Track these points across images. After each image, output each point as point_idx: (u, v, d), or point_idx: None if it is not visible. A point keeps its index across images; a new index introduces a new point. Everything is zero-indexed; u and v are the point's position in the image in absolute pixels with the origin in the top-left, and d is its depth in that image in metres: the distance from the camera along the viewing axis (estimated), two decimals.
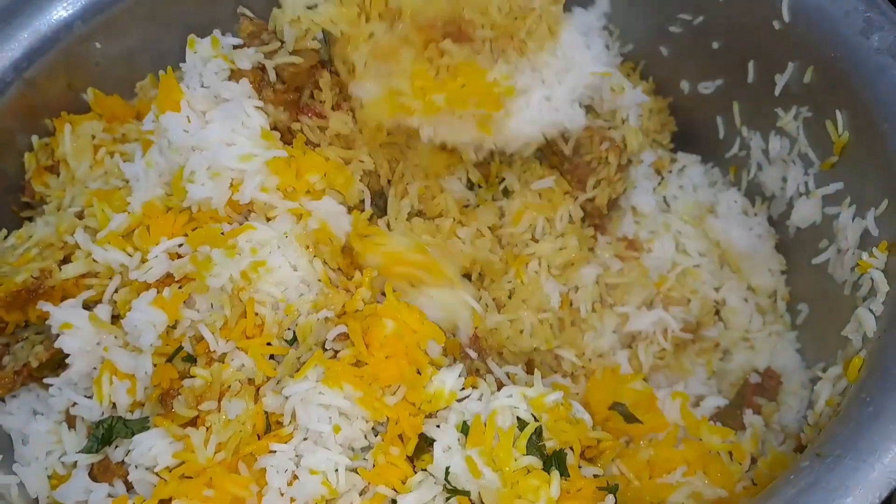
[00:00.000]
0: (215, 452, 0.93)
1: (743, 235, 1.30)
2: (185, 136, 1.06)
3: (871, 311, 0.95)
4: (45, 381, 1.04)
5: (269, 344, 0.99)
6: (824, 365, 1.05)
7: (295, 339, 1.00)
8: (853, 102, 1.08)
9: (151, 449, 0.95)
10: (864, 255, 1.00)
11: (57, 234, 1.10)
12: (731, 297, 1.28)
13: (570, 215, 1.21)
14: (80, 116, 1.25)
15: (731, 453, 1.07)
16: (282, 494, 0.90)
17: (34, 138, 1.23)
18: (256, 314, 0.99)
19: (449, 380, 0.96)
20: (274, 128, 1.12)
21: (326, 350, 0.98)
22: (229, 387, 0.96)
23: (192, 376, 0.98)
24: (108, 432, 0.99)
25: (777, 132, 1.24)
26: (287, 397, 0.93)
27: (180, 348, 0.99)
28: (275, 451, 0.91)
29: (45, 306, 1.03)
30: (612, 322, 1.21)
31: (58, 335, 1.01)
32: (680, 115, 1.40)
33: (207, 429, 0.94)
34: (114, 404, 1.01)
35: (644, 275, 1.25)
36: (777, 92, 1.20)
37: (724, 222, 1.32)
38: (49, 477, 1.01)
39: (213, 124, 1.07)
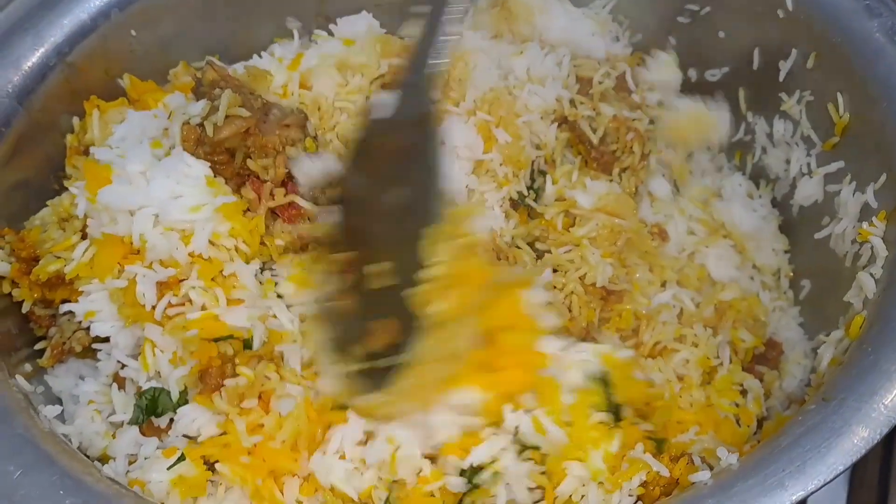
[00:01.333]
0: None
1: (747, 217, 1.35)
2: (128, 199, 1.05)
3: (871, 275, 1.01)
4: (94, 346, 1.10)
5: None
6: (827, 332, 1.11)
7: None
8: (853, 85, 1.15)
9: (195, 421, 1.00)
10: (865, 225, 1.07)
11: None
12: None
13: None
14: (109, 104, 1.29)
15: (738, 419, 1.13)
16: (343, 457, 0.95)
17: (75, 120, 1.29)
18: None
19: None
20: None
21: None
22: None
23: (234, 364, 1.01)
24: (151, 403, 1.04)
25: (781, 116, 1.30)
26: None
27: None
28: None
29: (66, 307, 1.09)
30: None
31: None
32: None
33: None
34: (159, 372, 1.05)
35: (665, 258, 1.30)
36: (781, 77, 1.27)
37: (728, 205, 1.38)
38: (97, 433, 1.06)
39: (155, 181, 1.06)
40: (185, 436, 1.01)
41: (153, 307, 1.02)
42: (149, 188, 1.05)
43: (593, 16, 1.43)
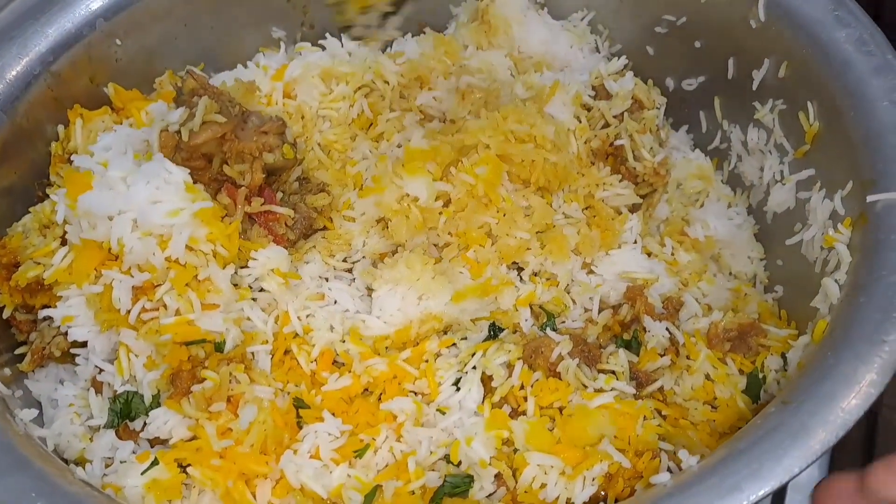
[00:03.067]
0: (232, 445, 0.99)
1: (723, 225, 1.37)
2: (108, 204, 1.06)
3: (836, 280, 1.03)
4: (72, 350, 1.12)
5: None
6: (797, 334, 1.13)
7: None
8: (823, 94, 1.17)
9: (166, 423, 1.02)
10: (831, 231, 1.09)
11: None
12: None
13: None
14: (93, 112, 1.31)
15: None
16: (315, 456, 0.98)
17: (60, 128, 1.30)
18: None
19: None
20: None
21: None
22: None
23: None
24: (125, 406, 1.05)
25: (755, 124, 1.32)
26: None
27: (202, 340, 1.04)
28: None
29: (43, 312, 1.10)
30: None
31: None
32: (666, 111, 1.48)
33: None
34: (134, 377, 1.06)
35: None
36: (755, 86, 1.29)
37: (704, 213, 1.39)
38: (75, 436, 1.08)
39: (135, 186, 1.06)
40: (157, 438, 1.02)
41: (128, 311, 1.03)
42: (128, 193, 1.06)
43: (572, 28, 1.45)
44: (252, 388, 1.01)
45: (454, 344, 1.12)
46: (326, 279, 1.18)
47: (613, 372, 1.07)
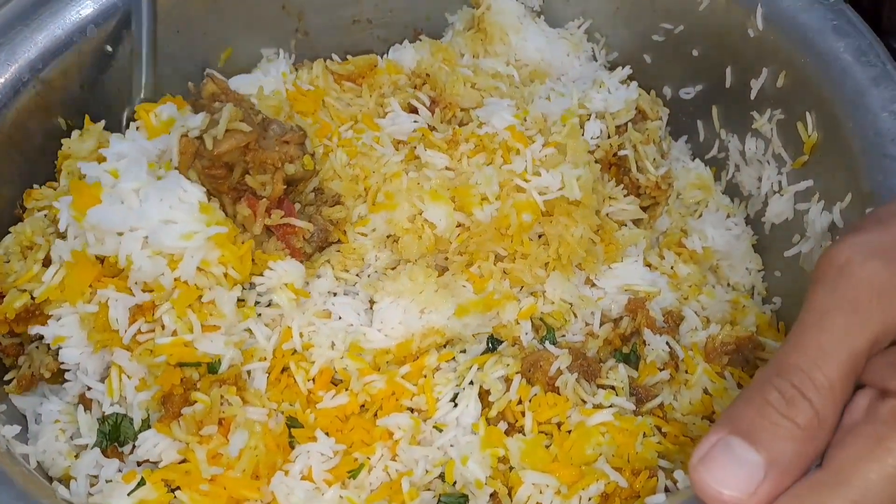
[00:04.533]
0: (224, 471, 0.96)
1: (721, 236, 1.36)
2: (119, 220, 1.01)
3: None
4: (63, 367, 1.09)
5: None
6: None
7: None
8: (821, 105, 1.16)
9: (156, 446, 0.99)
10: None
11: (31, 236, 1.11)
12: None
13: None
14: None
15: None
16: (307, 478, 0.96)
17: (74, 134, 1.26)
18: None
19: None
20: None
21: None
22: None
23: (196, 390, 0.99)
24: (114, 430, 1.03)
25: (753, 134, 1.31)
26: None
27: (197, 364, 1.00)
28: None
29: (34, 330, 1.06)
30: None
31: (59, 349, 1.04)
32: None
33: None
34: (125, 397, 1.03)
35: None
36: (752, 96, 1.28)
37: (702, 224, 1.38)
38: (60, 453, 1.05)
39: (147, 202, 1.01)
40: (146, 461, 1.00)
41: (124, 332, 1.01)
42: (141, 210, 1.01)
43: (568, 36, 1.44)
44: (244, 411, 0.98)
45: (453, 358, 1.10)
46: (335, 294, 1.16)
47: (613, 387, 1.05)
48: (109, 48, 1.32)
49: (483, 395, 1.06)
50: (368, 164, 1.25)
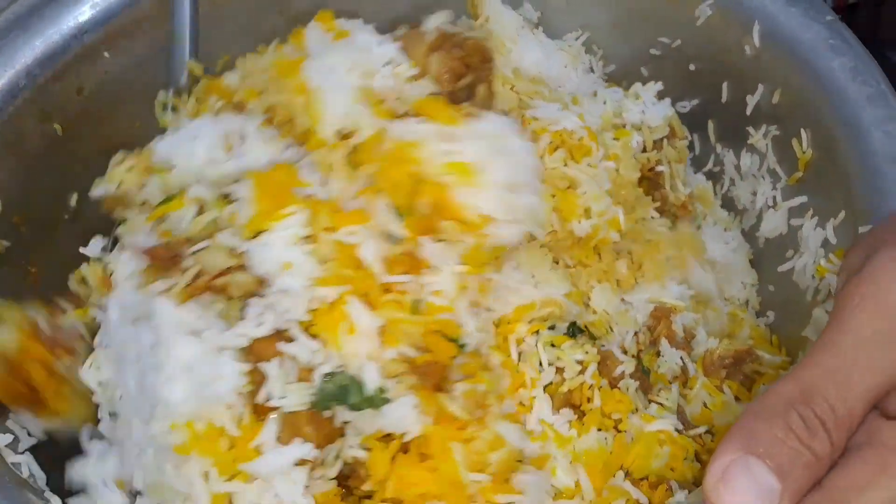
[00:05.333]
0: None
1: (719, 249, 1.37)
2: None
3: (826, 311, 1.03)
4: None
5: None
6: (789, 362, 1.12)
7: None
8: (816, 122, 1.17)
9: None
10: (823, 262, 1.08)
11: None
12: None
13: None
14: None
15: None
16: None
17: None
18: None
19: None
20: None
21: None
22: None
23: None
24: None
25: (748, 149, 1.32)
26: None
27: None
28: None
29: None
30: None
31: None
32: None
33: None
34: None
35: None
36: (748, 111, 1.29)
37: (703, 237, 1.38)
38: None
39: None
40: None
41: None
42: None
43: (566, 48, 1.45)
44: None
45: (537, 332, 1.06)
46: None
47: (662, 404, 1.05)
48: (107, 54, 1.32)
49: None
50: None
